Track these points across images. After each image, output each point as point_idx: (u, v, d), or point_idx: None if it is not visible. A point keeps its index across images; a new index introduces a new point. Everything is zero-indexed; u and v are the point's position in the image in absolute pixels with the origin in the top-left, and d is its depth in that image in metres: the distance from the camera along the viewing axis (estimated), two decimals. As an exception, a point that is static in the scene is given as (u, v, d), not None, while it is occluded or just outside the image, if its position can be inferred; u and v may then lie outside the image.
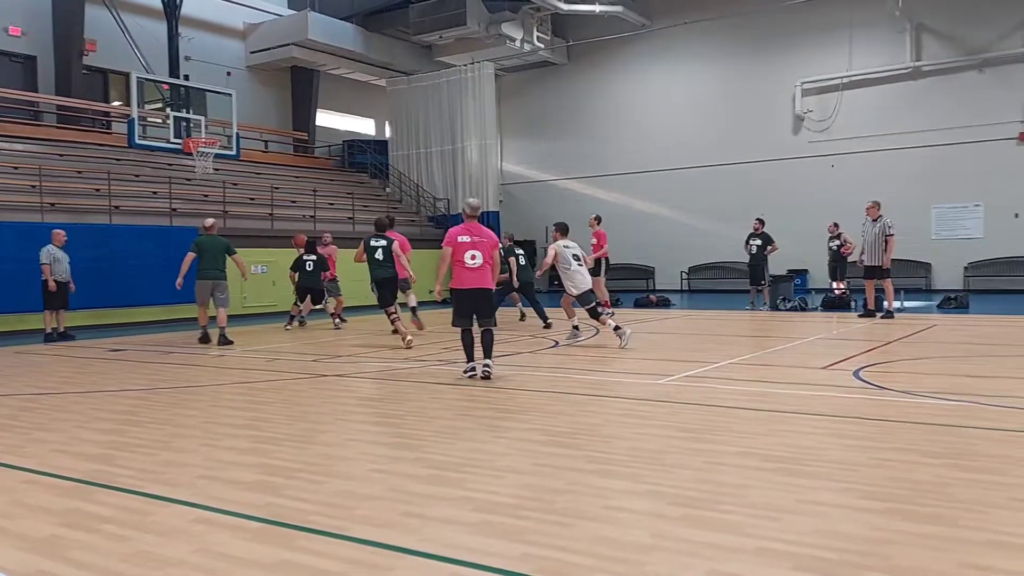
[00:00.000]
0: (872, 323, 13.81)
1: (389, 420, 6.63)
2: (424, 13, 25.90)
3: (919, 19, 23.03)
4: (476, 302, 8.29)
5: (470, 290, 8.25)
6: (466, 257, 8.22)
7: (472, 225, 8.43)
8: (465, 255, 8.22)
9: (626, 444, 5.30)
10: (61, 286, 13.34)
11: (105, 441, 5.70)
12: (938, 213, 23.13)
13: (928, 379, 7.78)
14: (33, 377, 9.26)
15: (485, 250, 8.29)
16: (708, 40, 26.21)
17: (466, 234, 8.32)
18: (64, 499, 4.27)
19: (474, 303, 8.29)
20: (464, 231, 8.36)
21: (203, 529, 3.73)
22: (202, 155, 18.29)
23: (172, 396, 7.75)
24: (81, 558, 3.40)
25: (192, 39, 23.97)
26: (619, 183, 28.32)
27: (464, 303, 8.31)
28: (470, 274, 8.23)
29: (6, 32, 20.74)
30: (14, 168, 17.40)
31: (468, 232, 8.34)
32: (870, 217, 14.59)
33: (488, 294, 8.38)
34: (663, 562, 3.22)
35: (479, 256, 8.23)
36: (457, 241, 8.27)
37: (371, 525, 3.73)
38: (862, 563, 3.15)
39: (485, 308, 8.34)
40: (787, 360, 9.34)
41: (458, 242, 8.26)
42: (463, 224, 8.47)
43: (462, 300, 8.32)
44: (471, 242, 8.26)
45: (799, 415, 6.11)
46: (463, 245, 8.24)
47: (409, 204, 26.97)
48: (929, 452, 4.88)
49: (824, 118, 24.63)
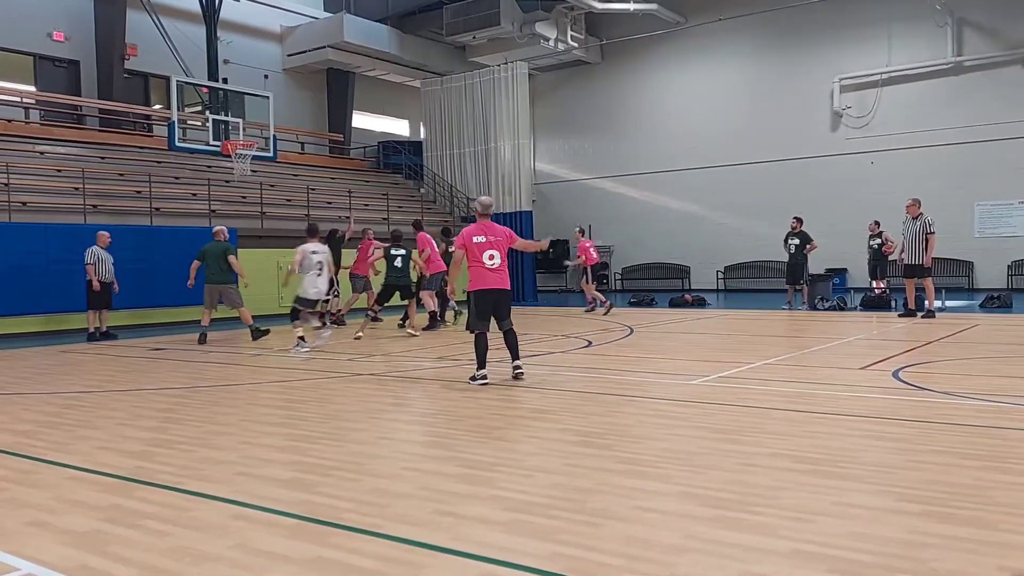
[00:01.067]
0: (913, 323, 13.59)
1: (422, 419, 6.69)
2: (458, 14, 26.00)
3: (960, 13, 22.59)
4: (497, 304, 8.10)
5: (492, 291, 8.05)
6: (484, 258, 8.00)
7: (486, 224, 8.21)
8: (483, 256, 8.01)
9: (658, 445, 5.28)
10: (105, 286, 13.62)
11: (146, 438, 5.82)
12: (981, 211, 22.67)
13: (969, 380, 7.64)
14: (77, 376, 9.47)
15: (502, 249, 8.11)
16: (743, 37, 25.97)
17: (481, 234, 8.09)
18: (106, 495, 4.37)
19: (495, 305, 8.10)
20: (479, 231, 8.12)
21: (240, 525, 3.80)
22: (240, 157, 18.54)
23: (211, 394, 7.88)
24: (122, 553, 3.48)
25: (230, 43, 24.32)
26: (653, 182, 28.18)
27: (484, 305, 8.06)
28: (492, 275, 8.03)
29: (50, 38, 21.21)
30: (58, 171, 17.81)
31: (483, 232, 8.12)
32: (910, 215, 14.37)
33: (508, 295, 8.22)
34: (694, 563, 3.21)
35: (497, 256, 8.04)
36: (473, 242, 8.04)
37: (404, 523, 3.77)
38: (898, 566, 3.11)
39: (505, 310, 8.17)
40: (824, 361, 9.22)
41: (474, 243, 8.04)
42: (476, 224, 8.24)
43: (483, 302, 8.06)
44: (487, 242, 8.04)
45: (835, 416, 6.04)
46: (479, 246, 8.02)
47: (443, 204, 27.09)
48: (968, 454, 4.80)
49: (863, 114, 24.26)
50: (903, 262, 14.54)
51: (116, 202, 17.71)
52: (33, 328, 14.74)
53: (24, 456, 5.33)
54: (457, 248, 8.19)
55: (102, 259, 13.59)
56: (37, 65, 21.25)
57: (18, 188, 16.15)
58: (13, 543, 3.63)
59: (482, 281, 8.03)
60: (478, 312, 8.06)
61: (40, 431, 6.17)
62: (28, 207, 15.97)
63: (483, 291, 8.04)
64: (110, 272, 13.72)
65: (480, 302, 8.06)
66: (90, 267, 13.42)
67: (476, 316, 8.07)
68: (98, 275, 13.48)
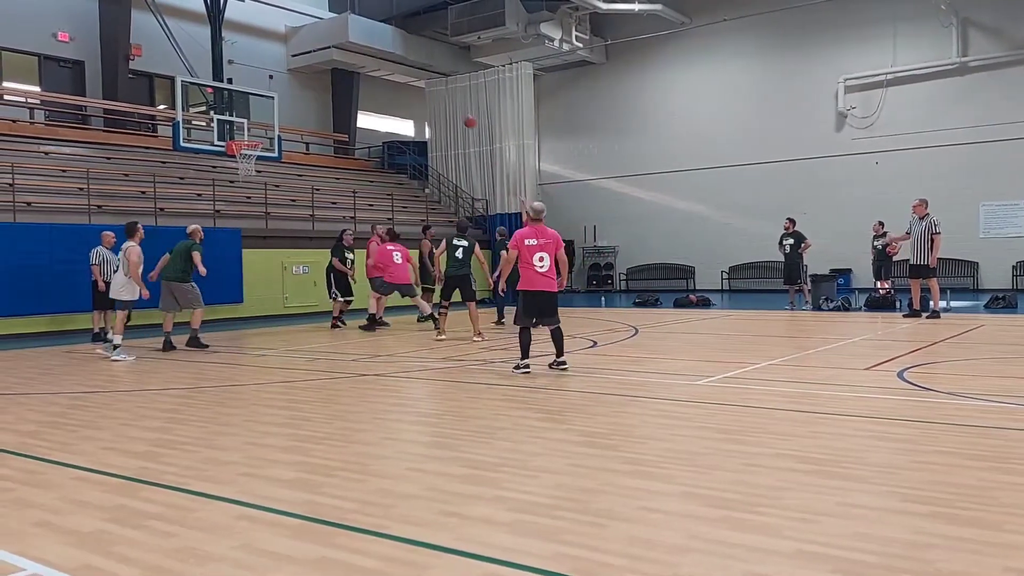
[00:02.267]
0: (917, 323, 13.55)
1: (426, 419, 6.70)
2: (462, 14, 26.01)
3: (965, 13, 22.52)
4: (542, 304, 8.54)
5: (539, 292, 8.50)
6: (534, 260, 8.46)
7: (538, 227, 8.63)
8: (533, 258, 8.46)
9: (662, 445, 5.28)
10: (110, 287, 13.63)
11: (151, 439, 5.83)
12: (986, 211, 22.60)
13: (974, 381, 7.62)
14: (82, 376, 9.50)
15: (551, 252, 8.53)
16: (748, 37, 25.93)
17: (533, 237, 8.54)
18: (111, 495, 4.38)
19: (540, 305, 8.54)
20: (532, 234, 8.57)
21: (245, 526, 3.81)
22: (245, 157, 18.58)
23: (216, 395, 7.90)
24: (127, 553, 3.49)
25: (235, 43, 24.37)
26: (658, 182, 28.16)
27: (531, 304, 8.55)
28: (540, 278, 8.47)
29: (55, 38, 21.27)
30: (63, 171, 17.85)
31: (535, 235, 8.55)
32: (917, 215, 14.34)
33: (554, 297, 8.63)
34: (698, 563, 3.21)
35: (547, 259, 8.49)
36: (524, 244, 8.50)
37: (408, 523, 3.77)
38: (902, 567, 3.11)
39: (549, 309, 8.59)
40: (828, 361, 9.21)
41: (525, 245, 8.49)
42: (529, 227, 8.68)
43: (530, 302, 8.55)
44: (538, 245, 8.49)
45: (839, 417, 6.03)
46: (531, 248, 8.48)
47: (447, 205, 27.10)
48: (973, 455, 4.79)
49: (868, 115, 24.21)
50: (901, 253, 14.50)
51: (121, 202, 17.74)
52: (38, 328, 14.79)
53: (29, 456, 5.35)
54: (511, 249, 8.65)
55: (107, 259, 13.62)
56: (42, 65, 21.31)
57: (23, 188, 16.19)
58: (18, 543, 3.64)
59: (531, 283, 8.52)
60: (525, 310, 8.59)
61: (45, 431, 6.19)
62: (33, 207, 16.01)
63: (532, 292, 8.53)
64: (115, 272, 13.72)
65: (528, 302, 8.57)
66: (95, 267, 13.45)
67: (523, 314, 8.60)
68: (103, 275, 13.50)
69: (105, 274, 13.55)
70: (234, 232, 17.90)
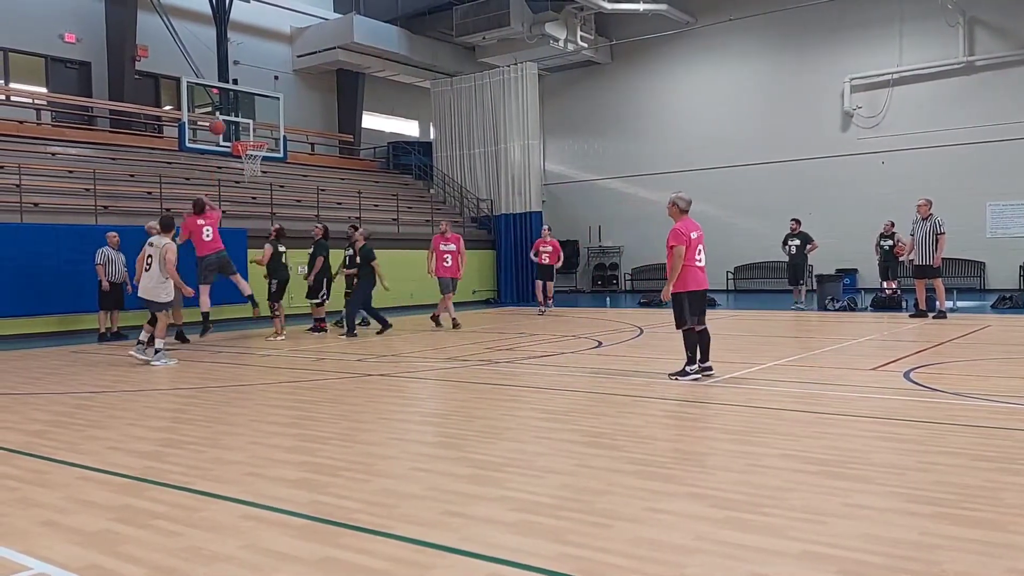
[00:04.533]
0: (924, 324, 13.52)
1: (431, 420, 6.70)
2: (467, 14, 26.00)
3: (971, 12, 22.44)
4: (702, 302, 8.13)
5: (702, 291, 8.10)
6: (697, 256, 8.01)
7: (693, 222, 8.16)
8: (696, 254, 8.00)
9: (667, 446, 5.28)
10: (115, 287, 13.71)
11: (157, 438, 5.85)
12: (993, 211, 22.52)
13: (980, 381, 7.59)
14: (88, 376, 9.52)
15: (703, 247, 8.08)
16: (753, 37, 25.88)
17: (695, 230, 8.05)
18: (117, 495, 4.39)
19: (701, 303, 8.10)
20: (693, 227, 8.06)
21: (250, 525, 3.81)
22: (250, 158, 18.60)
23: (221, 395, 7.91)
24: (133, 553, 3.50)
25: (240, 44, 24.41)
26: (663, 182, 28.05)
27: (696, 303, 8.03)
28: (703, 275, 8.09)
29: (61, 39, 21.32)
30: (69, 172, 17.89)
31: (696, 229, 8.08)
32: (921, 215, 14.29)
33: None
34: (703, 564, 3.20)
35: (703, 255, 8.08)
36: (691, 238, 7.95)
37: (413, 523, 3.77)
38: (909, 568, 3.10)
39: (704, 307, 8.21)
40: (835, 361, 9.19)
41: (692, 239, 7.95)
42: (686, 220, 8.10)
43: (697, 301, 8.04)
44: (698, 238, 8.03)
45: (846, 417, 6.02)
46: (694, 243, 7.96)
47: (452, 205, 27.10)
48: (980, 456, 4.77)
49: (874, 114, 24.14)
50: (912, 263, 14.47)
51: (127, 203, 17.78)
52: (45, 328, 14.81)
53: (35, 456, 5.36)
54: (679, 245, 7.94)
55: (112, 259, 13.68)
56: (48, 67, 21.37)
57: (29, 189, 16.23)
58: (24, 542, 3.65)
59: (696, 282, 8.03)
60: (691, 309, 7.99)
61: (51, 431, 6.20)
62: (39, 208, 16.05)
63: (697, 292, 8.04)
64: (121, 272, 13.79)
65: (695, 302, 8.02)
66: (100, 268, 13.50)
67: (690, 313, 7.98)
68: (108, 276, 13.55)
69: (110, 274, 13.60)
70: (240, 233, 17.92)
